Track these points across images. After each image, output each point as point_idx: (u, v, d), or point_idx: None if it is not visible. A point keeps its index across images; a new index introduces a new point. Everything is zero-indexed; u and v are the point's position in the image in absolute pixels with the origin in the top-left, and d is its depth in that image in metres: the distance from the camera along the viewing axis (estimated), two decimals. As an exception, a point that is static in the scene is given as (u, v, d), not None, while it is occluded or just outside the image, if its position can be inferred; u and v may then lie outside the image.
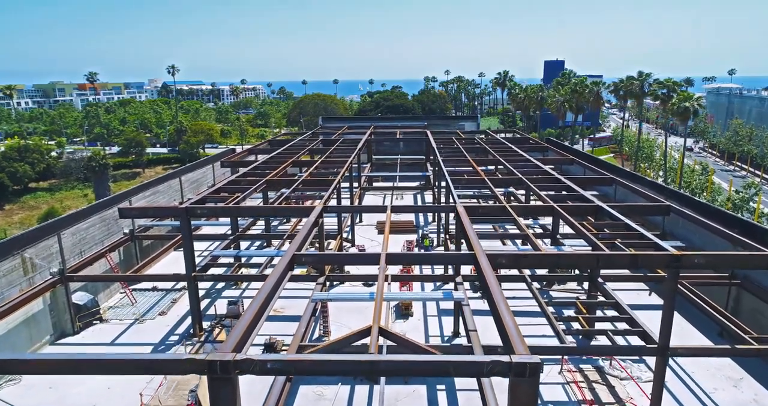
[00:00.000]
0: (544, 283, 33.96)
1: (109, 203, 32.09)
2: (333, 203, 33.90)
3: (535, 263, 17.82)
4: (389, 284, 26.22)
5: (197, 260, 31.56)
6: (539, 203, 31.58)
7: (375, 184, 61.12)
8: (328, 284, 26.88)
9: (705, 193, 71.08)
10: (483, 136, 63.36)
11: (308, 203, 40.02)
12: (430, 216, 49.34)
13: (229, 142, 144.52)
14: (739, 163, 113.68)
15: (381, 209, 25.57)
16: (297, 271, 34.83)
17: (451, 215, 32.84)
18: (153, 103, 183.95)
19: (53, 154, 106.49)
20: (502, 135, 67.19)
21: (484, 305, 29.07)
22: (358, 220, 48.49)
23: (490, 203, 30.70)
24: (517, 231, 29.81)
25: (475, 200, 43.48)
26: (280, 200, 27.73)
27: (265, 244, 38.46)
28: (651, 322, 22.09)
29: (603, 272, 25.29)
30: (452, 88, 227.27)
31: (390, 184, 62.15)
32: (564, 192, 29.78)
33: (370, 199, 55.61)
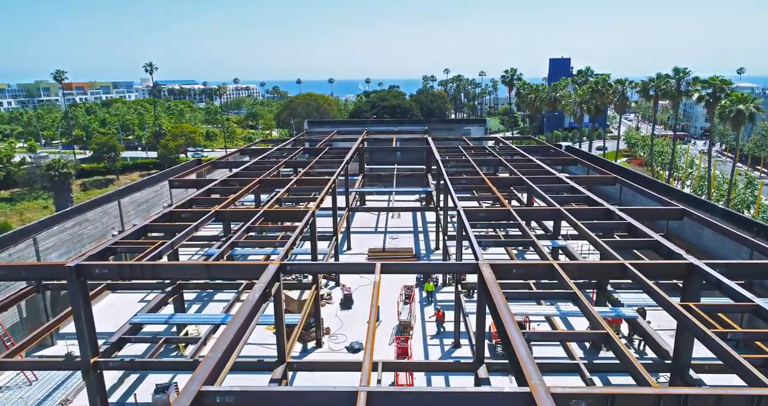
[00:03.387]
0: (588, 345, 25.72)
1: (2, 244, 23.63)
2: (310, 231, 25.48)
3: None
4: (379, 379, 17.79)
5: (118, 323, 23.18)
6: (592, 253, 23.29)
7: (368, 198, 52.78)
8: (290, 374, 18.45)
9: (751, 211, 62.48)
10: (492, 143, 55.03)
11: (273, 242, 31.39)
12: (433, 242, 40.99)
13: (216, 145, 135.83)
14: (765, 169, 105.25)
15: (367, 268, 17.18)
16: (262, 326, 26.48)
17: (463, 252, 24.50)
18: (138, 104, 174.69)
19: (16, 159, 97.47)
20: (511, 140, 58.99)
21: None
22: (345, 247, 40.20)
23: (527, 256, 22.14)
24: (557, 287, 21.46)
25: (493, 232, 35.16)
26: (217, 257, 19.11)
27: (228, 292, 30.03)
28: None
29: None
30: (452, 87, 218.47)
31: (385, 198, 53.99)
32: (627, 236, 21.37)
33: (361, 219, 47.24)
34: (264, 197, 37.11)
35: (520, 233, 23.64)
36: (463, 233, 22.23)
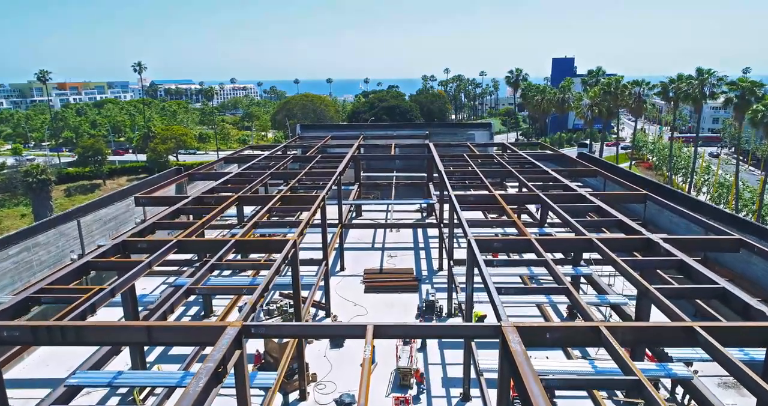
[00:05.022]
0: (623, 403, 21.70)
1: None
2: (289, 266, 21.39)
3: None
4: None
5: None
6: (612, 275, 19.42)
7: (364, 208, 48.87)
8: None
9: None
10: (496, 149, 51.16)
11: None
12: (435, 261, 37.00)
13: (209, 147, 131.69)
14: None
15: (355, 332, 13.18)
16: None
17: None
18: (131, 104, 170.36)
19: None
20: (518, 146, 55.01)
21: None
22: (338, 267, 36.21)
23: (562, 311, 18.15)
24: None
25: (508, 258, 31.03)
26: (163, 314, 14.98)
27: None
28: None
29: None
30: (452, 87, 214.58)
31: (383, 208, 50.03)
32: (680, 277, 17.36)
33: (357, 234, 43.17)
34: (249, 211, 33.26)
35: (535, 257, 19.79)
36: (474, 264, 18.39)
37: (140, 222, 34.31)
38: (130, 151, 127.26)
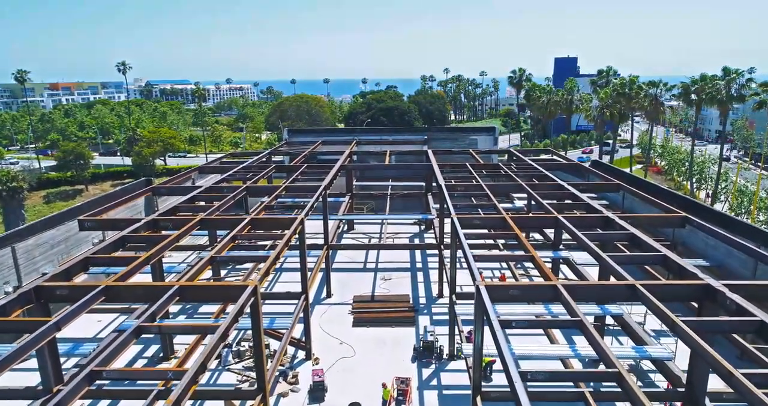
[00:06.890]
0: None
1: None
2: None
3: None
4: None
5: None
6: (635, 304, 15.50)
7: (356, 221, 44.60)
8: None
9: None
10: (503, 156, 46.83)
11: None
12: (434, 287, 32.63)
13: (200, 150, 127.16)
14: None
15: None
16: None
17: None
18: (121, 105, 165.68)
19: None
20: (525, 152, 50.65)
21: None
22: (324, 294, 31.88)
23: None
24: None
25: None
26: None
27: None
28: None
29: None
30: (451, 87, 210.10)
31: (378, 222, 45.71)
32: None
33: (346, 253, 38.74)
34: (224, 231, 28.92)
35: (567, 314, 15.54)
36: (485, 316, 14.20)
37: (97, 243, 30.04)
38: (118, 154, 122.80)
